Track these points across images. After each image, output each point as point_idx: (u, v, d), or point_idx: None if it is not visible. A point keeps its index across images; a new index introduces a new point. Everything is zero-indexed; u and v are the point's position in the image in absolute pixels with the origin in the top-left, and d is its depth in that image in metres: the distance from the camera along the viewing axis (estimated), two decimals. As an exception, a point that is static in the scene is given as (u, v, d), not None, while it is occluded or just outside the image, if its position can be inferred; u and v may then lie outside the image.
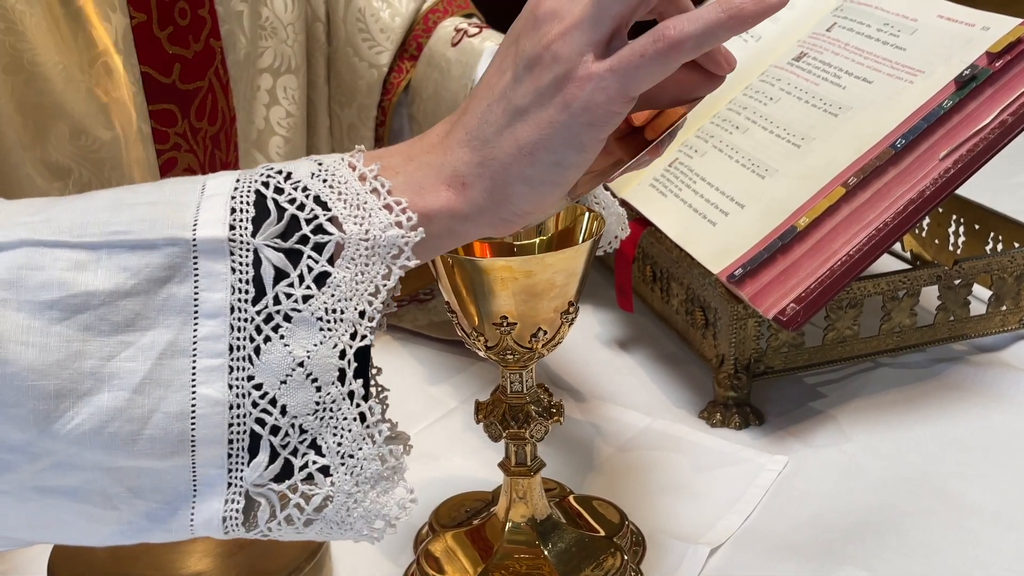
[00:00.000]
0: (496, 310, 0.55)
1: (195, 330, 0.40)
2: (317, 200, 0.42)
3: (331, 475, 0.42)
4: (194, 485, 0.41)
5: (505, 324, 0.56)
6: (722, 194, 0.82)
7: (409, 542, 0.68)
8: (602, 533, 0.65)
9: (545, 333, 0.57)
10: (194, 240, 0.40)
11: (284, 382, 0.41)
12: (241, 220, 0.41)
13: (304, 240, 0.41)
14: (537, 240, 0.61)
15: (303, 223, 0.41)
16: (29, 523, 0.42)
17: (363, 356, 0.42)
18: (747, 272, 0.75)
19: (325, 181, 0.43)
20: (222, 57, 0.75)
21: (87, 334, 0.40)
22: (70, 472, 0.40)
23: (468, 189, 0.44)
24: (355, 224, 0.42)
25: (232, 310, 0.41)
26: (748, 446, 0.77)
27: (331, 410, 0.42)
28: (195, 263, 0.40)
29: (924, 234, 1.04)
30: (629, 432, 0.80)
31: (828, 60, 0.86)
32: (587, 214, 0.60)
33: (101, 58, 0.66)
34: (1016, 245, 0.92)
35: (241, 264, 0.41)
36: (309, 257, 0.41)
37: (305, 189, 0.42)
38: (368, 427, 0.42)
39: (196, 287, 0.40)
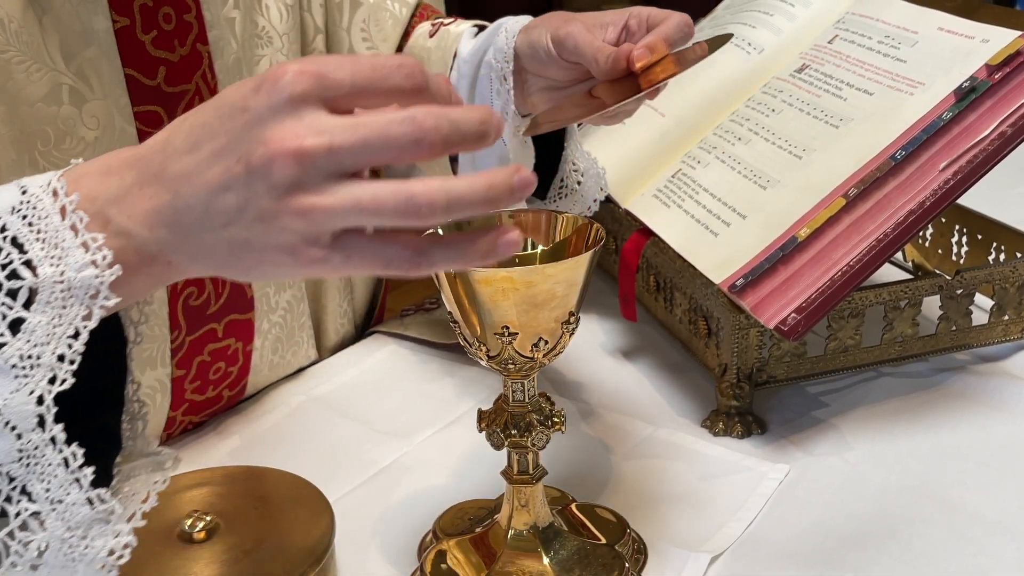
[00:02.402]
0: (498, 320, 0.56)
1: None
2: (14, 241, 0.42)
3: (45, 523, 0.42)
4: None
5: (507, 334, 0.56)
6: (724, 205, 0.82)
7: (413, 549, 0.68)
8: (604, 541, 0.66)
9: (546, 343, 0.58)
10: None
11: None
12: None
13: None
14: (539, 251, 0.62)
15: None
16: None
17: (71, 397, 0.42)
18: (749, 282, 0.75)
19: (25, 217, 0.42)
20: (210, 62, 0.76)
21: None
22: None
23: (172, 266, 0.43)
24: (51, 266, 0.41)
25: None
26: (750, 455, 0.78)
27: (34, 456, 0.42)
28: None
29: (927, 244, 1.05)
30: (632, 440, 0.80)
31: (829, 72, 0.86)
32: (588, 225, 0.60)
33: (83, 59, 0.67)
34: (1018, 255, 0.93)
35: None
36: (3, 304, 0.41)
37: (3, 228, 0.42)
38: (72, 472, 0.42)
39: None
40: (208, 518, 0.61)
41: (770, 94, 0.89)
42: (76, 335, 0.42)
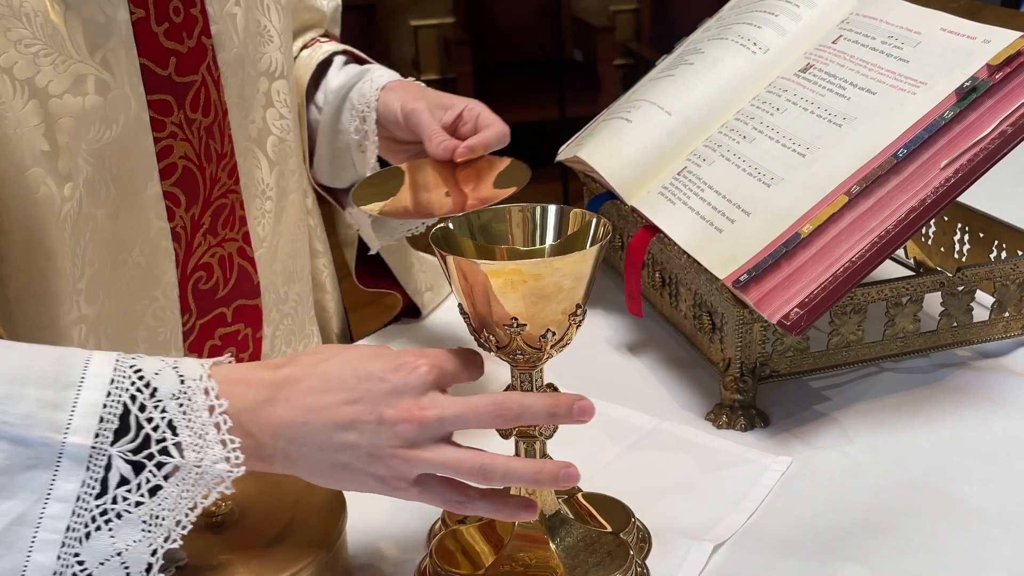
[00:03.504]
0: (507, 312, 0.58)
1: (44, 508, 0.51)
2: (170, 424, 0.53)
3: None
4: None
5: (515, 325, 0.58)
6: (729, 202, 0.84)
7: (422, 536, 0.70)
8: (609, 529, 0.67)
9: (553, 334, 0.59)
10: (63, 442, 0.51)
11: (103, 564, 0.52)
12: (105, 430, 0.52)
13: (150, 457, 0.53)
14: (547, 245, 0.64)
15: (153, 443, 0.53)
16: None
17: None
18: (752, 277, 0.77)
19: (182, 406, 0.54)
20: (213, 55, 0.79)
21: None
22: None
23: (275, 466, 0.57)
24: (194, 452, 0.53)
25: (78, 499, 0.51)
26: (753, 447, 0.79)
27: None
28: (59, 459, 0.51)
29: (930, 242, 1.06)
30: (637, 433, 0.82)
31: (833, 72, 0.88)
32: (594, 221, 0.62)
33: (106, 49, 0.70)
34: (1020, 253, 0.94)
35: (96, 466, 0.52)
36: (150, 471, 0.53)
37: (163, 412, 0.53)
38: None
39: (54, 476, 0.51)
40: (226, 505, 0.63)
41: (775, 93, 0.90)
42: (193, 508, 0.53)
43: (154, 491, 0.52)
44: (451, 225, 0.62)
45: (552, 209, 0.64)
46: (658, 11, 4.21)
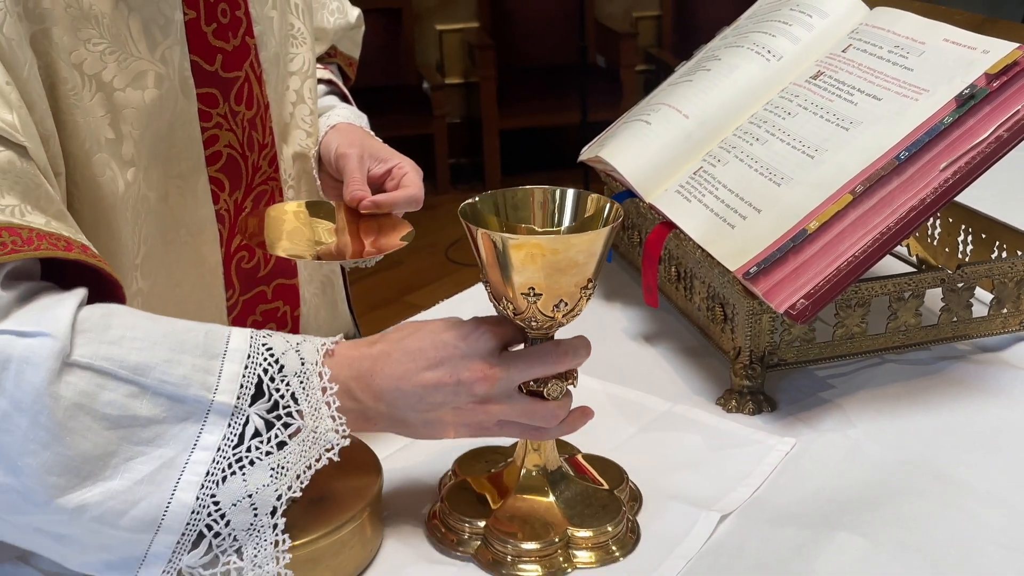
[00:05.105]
0: (525, 282, 0.65)
1: (191, 455, 0.60)
2: (293, 396, 0.64)
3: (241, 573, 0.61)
4: (145, 555, 0.60)
5: (532, 294, 0.65)
6: (741, 200, 0.89)
7: (434, 487, 0.77)
8: (605, 487, 0.74)
9: (566, 304, 0.66)
10: (212, 400, 0.61)
11: (235, 504, 0.61)
12: (243, 395, 0.62)
13: (278, 417, 0.63)
14: (564, 226, 0.70)
15: (281, 407, 0.63)
16: (17, 543, 0.62)
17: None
18: (761, 270, 0.82)
19: (301, 383, 0.64)
20: (256, 53, 0.86)
21: (124, 441, 0.59)
22: (66, 525, 0.59)
23: (374, 425, 0.68)
24: (311, 419, 0.64)
25: (218, 448, 0.61)
26: (760, 429, 0.84)
27: (259, 531, 0.62)
28: (207, 414, 0.61)
29: (935, 242, 1.11)
30: (651, 414, 0.88)
31: (843, 79, 0.93)
32: (608, 205, 0.68)
33: (164, 47, 0.77)
34: (1020, 253, 0.98)
35: (236, 422, 0.62)
36: (279, 428, 0.63)
37: (288, 384, 0.64)
38: (278, 550, 0.62)
39: (202, 428, 0.61)
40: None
41: (787, 98, 0.96)
42: (309, 467, 0.63)
43: (280, 445, 0.62)
44: (478, 201, 0.69)
45: (571, 193, 0.70)
46: (680, 18, 4.25)
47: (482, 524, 0.70)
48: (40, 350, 0.57)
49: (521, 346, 0.70)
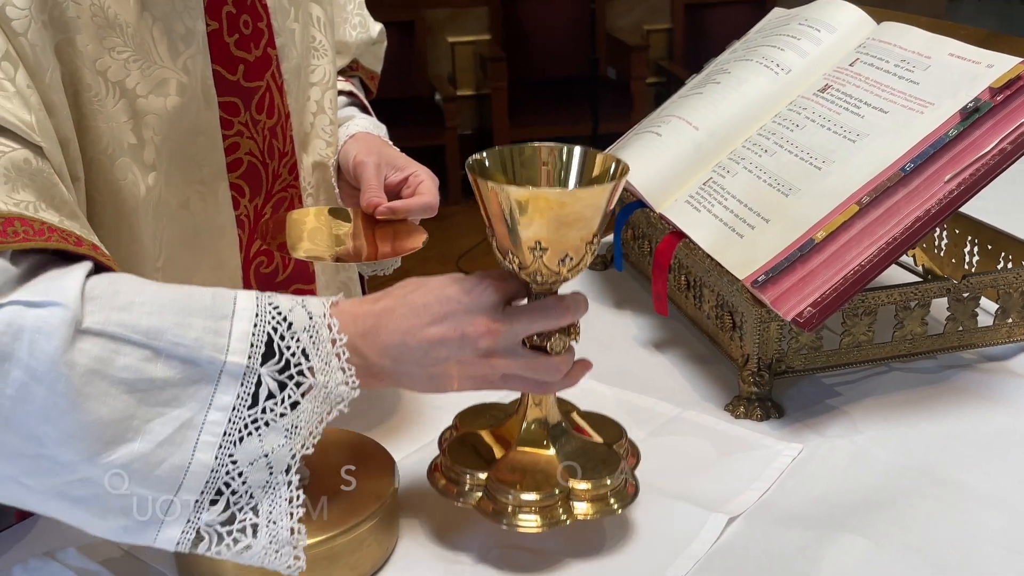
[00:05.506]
0: (532, 235, 0.66)
1: (206, 415, 0.61)
2: (303, 352, 0.64)
3: (257, 532, 0.62)
4: (166, 514, 0.61)
5: (539, 248, 0.66)
6: (750, 210, 0.91)
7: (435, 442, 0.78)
8: (603, 442, 0.76)
9: (571, 259, 0.67)
10: (224, 361, 0.62)
11: (252, 463, 0.62)
12: (254, 354, 0.62)
13: (290, 377, 0.63)
14: (572, 181, 0.71)
15: (292, 366, 0.63)
16: (37, 509, 0.62)
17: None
18: (769, 278, 0.84)
19: (311, 338, 0.64)
20: (277, 64, 0.88)
21: (141, 403, 0.60)
22: (88, 487, 0.60)
23: (380, 381, 0.68)
24: (322, 375, 0.64)
25: (233, 409, 0.62)
26: (768, 435, 0.86)
27: (274, 488, 0.63)
28: (220, 375, 0.62)
29: (942, 253, 1.13)
30: (661, 419, 0.89)
31: (850, 92, 0.95)
32: (614, 163, 0.69)
33: (186, 56, 0.79)
34: (1024, 264, 1.00)
35: (248, 382, 0.62)
36: (291, 389, 0.63)
37: (298, 341, 0.64)
38: (292, 506, 0.63)
39: (215, 389, 0.62)
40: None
41: (795, 111, 0.98)
42: (321, 421, 0.64)
43: (293, 406, 0.63)
44: (485, 156, 0.70)
45: (577, 150, 0.71)
46: (691, 31, 4.28)
47: (483, 476, 0.72)
48: (51, 319, 0.57)
49: (524, 301, 0.71)
